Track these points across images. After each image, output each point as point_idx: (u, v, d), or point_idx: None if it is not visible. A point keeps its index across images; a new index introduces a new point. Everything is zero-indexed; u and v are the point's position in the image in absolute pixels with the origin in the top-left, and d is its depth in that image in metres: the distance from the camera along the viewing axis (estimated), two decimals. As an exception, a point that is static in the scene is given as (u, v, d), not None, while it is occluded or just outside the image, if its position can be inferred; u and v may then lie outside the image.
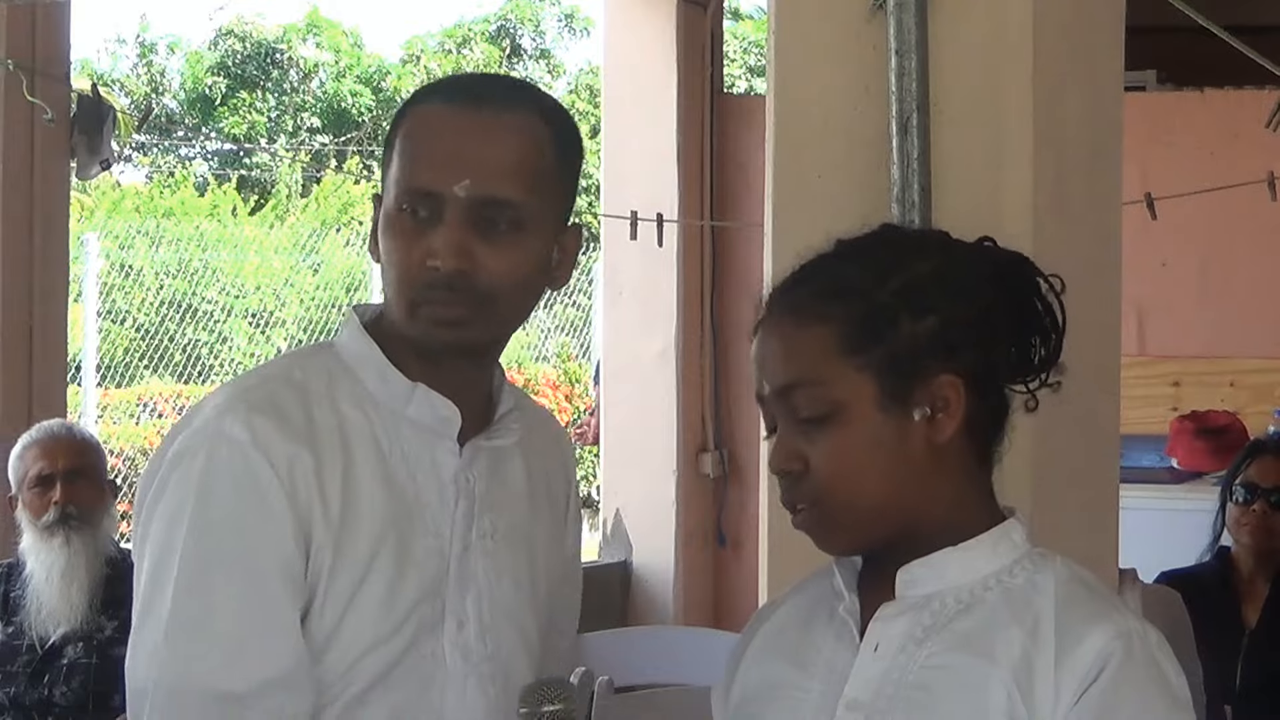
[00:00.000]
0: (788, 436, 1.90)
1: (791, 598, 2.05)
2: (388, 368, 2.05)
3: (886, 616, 1.91)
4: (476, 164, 1.99)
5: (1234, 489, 4.55)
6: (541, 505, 2.19)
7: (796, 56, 2.84)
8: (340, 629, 1.98)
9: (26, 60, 5.60)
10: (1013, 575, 1.91)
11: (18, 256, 5.62)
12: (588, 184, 21.09)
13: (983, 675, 1.86)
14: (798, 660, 1.95)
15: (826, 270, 1.93)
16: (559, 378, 14.40)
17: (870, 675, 1.89)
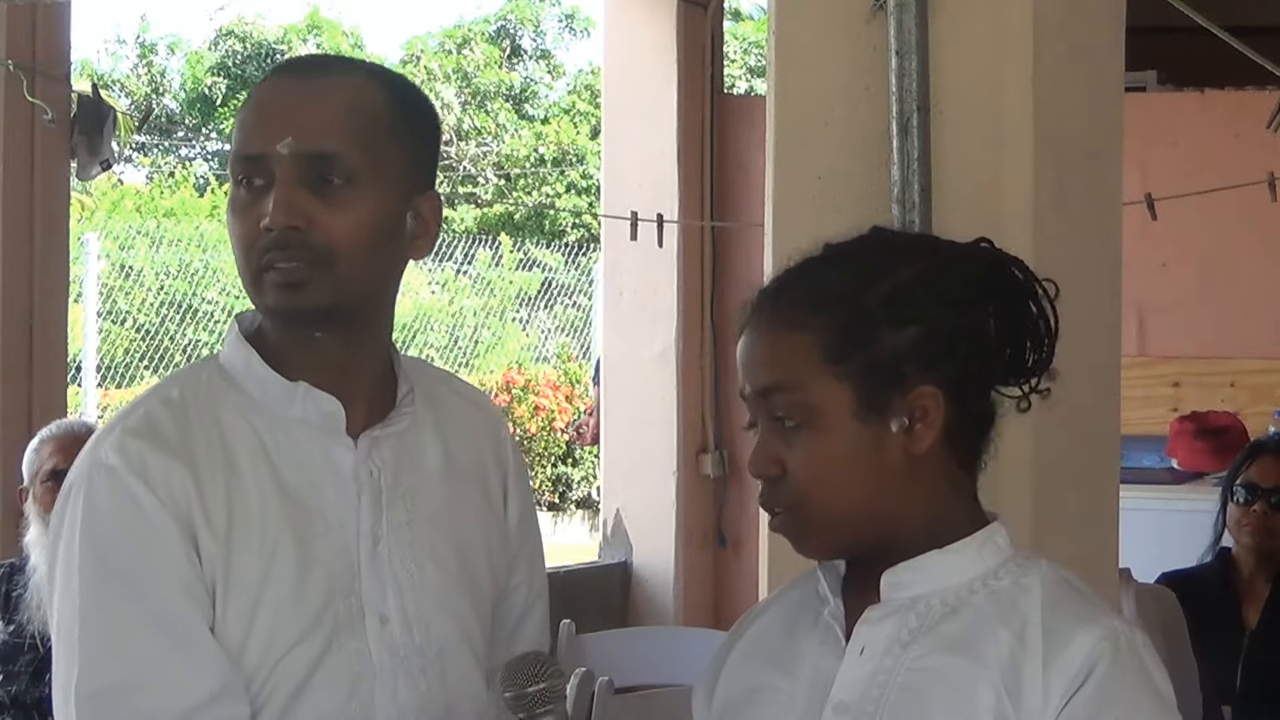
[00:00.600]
0: (767, 439, 1.90)
1: (775, 603, 2.05)
2: (266, 372, 2.02)
3: (872, 619, 1.91)
4: (297, 121, 1.97)
5: (1235, 489, 4.55)
6: (467, 484, 2.13)
7: (796, 56, 2.84)
8: (249, 638, 1.95)
9: (26, 60, 5.60)
10: (998, 578, 1.91)
11: (18, 256, 5.62)
12: (588, 184, 21.14)
13: (971, 676, 1.86)
14: (782, 665, 1.95)
15: (813, 275, 1.93)
16: (559, 378, 14.40)
17: (857, 678, 1.89)
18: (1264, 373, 7.49)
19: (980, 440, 1.95)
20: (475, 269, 16.73)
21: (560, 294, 16.97)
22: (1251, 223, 7.10)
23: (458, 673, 2.07)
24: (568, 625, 4.81)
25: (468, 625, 2.09)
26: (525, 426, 13.94)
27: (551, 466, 14.15)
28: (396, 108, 2.03)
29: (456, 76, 23.33)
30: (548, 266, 17.50)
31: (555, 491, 14.27)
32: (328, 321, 2.01)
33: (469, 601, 2.10)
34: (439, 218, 2.08)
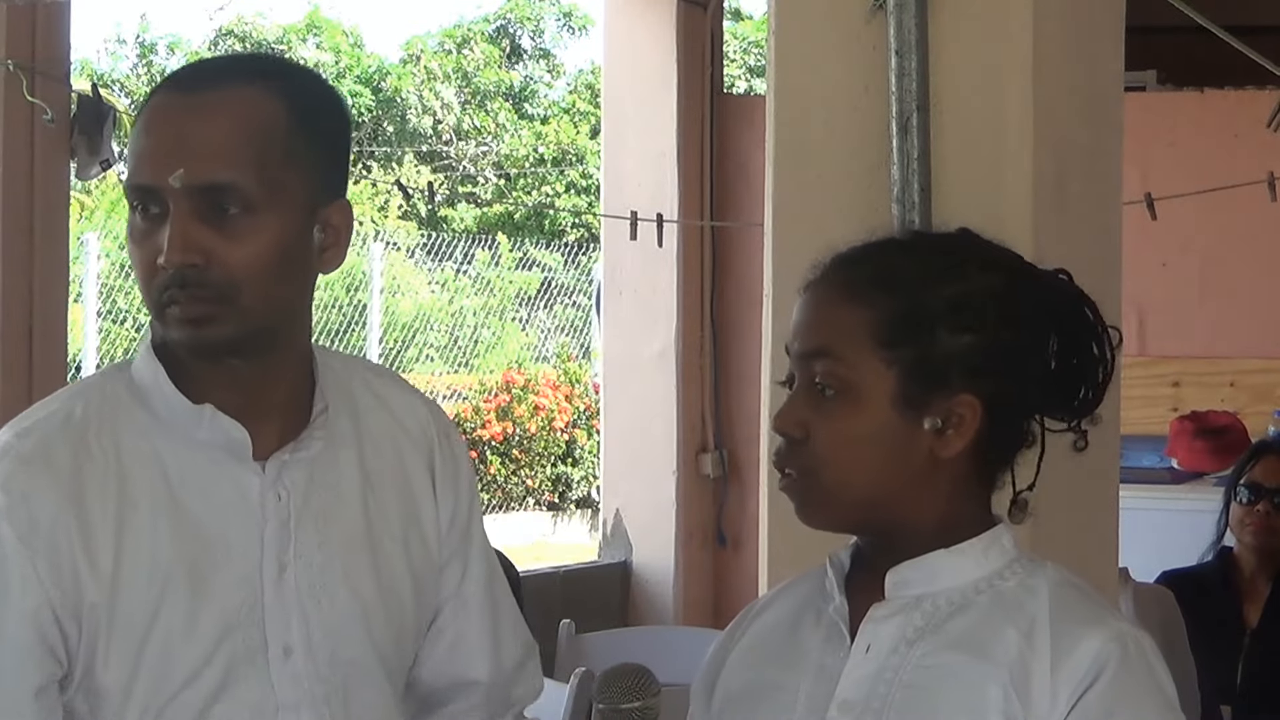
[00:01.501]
0: (799, 401, 1.89)
1: (778, 600, 2.03)
2: (173, 392, 1.93)
3: (878, 617, 1.90)
4: (188, 150, 1.87)
5: (1238, 489, 4.56)
6: (388, 500, 2.02)
7: (796, 56, 2.84)
8: (136, 679, 1.88)
9: (26, 60, 5.60)
10: (1004, 579, 1.91)
11: (18, 256, 5.62)
12: (588, 184, 21.13)
13: (979, 675, 1.85)
14: (785, 662, 1.94)
15: (889, 256, 1.93)
16: (559, 378, 14.40)
17: (862, 675, 1.88)
18: (1264, 373, 7.49)
19: (1006, 459, 1.95)
20: (475, 269, 16.73)
21: (560, 294, 16.98)
22: (1251, 223, 7.09)
23: (364, 700, 1.98)
24: (568, 625, 4.81)
25: (383, 649, 2.00)
26: (525, 426, 13.94)
27: (551, 466, 14.15)
28: (296, 118, 1.92)
29: (456, 76, 23.33)
30: (547, 266, 17.50)
31: (555, 491, 14.27)
32: (236, 353, 1.92)
33: (387, 624, 2.00)
34: (350, 225, 2.01)
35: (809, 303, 1.91)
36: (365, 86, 23.30)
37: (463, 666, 2.12)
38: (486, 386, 14.24)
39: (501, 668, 2.15)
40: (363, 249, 15.66)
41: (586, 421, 13.95)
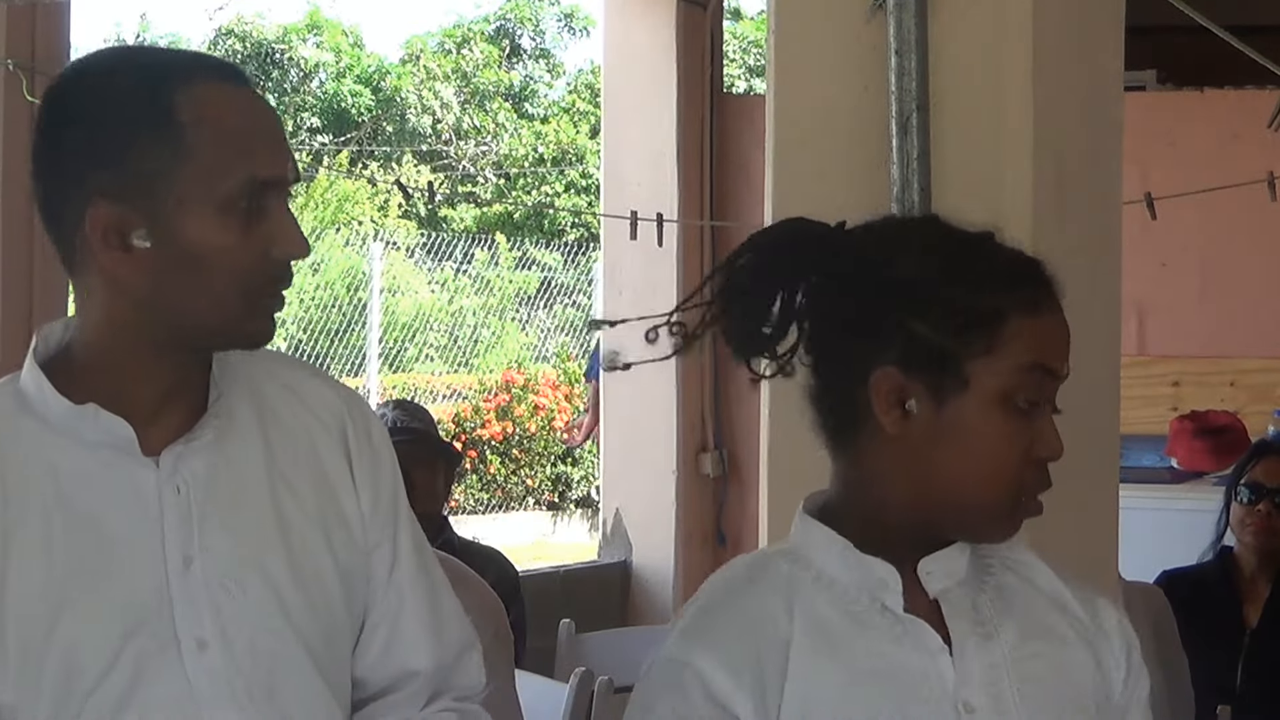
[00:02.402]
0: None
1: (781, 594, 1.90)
2: (54, 396, 1.88)
3: (954, 614, 1.88)
4: (286, 143, 1.91)
5: (1239, 489, 4.56)
6: (301, 488, 1.96)
7: (796, 56, 2.84)
8: (40, 690, 1.83)
9: (26, 60, 5.60)
10: (998, 557, 1.94)
11: (18, 256, 5.62)
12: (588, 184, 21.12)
13: (1062, 650, 1.91)
14: (864, 668, 1.85)
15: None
16: (559, 377, 14.41)
17: (973, 673, 1.86)
18: (1264, 372, 7.49)
19: None
20: (475, 268, 16.74)
21: (560, 294, 16.98)
22: (1251, 223, 7.10)
23: (293, 692, 1.92)
24: (568, 625, 4.81)
25: (309, 641, 1.94)
26: (525, 426, 13.94)
27: (551, 466, 14.15)
28: None
29: (456, 76, 23.33)
30: (547, 266, 17.50)
31: (555, 491, 14.27)
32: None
33: (310, 615, 1.94)
34: None
35: (1064, 322, 1.89)
36: (365, 86, 23.32)
37: (402, 657, 2.04)
38: (486, 386, 14.25)
39: (442, 658, 2.07)
40: (363, 248, 15.67)
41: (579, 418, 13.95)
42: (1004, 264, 1.87)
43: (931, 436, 1.83)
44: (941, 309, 1.83)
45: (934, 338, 1.82)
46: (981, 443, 1.83)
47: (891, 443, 1.84)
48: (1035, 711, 1.86)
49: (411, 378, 14.83)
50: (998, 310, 1.83)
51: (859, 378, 1.85)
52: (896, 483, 1.86)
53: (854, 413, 1.86)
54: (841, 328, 1.87)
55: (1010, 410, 1.83)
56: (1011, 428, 1.83)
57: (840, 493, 1.92)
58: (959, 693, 1.84)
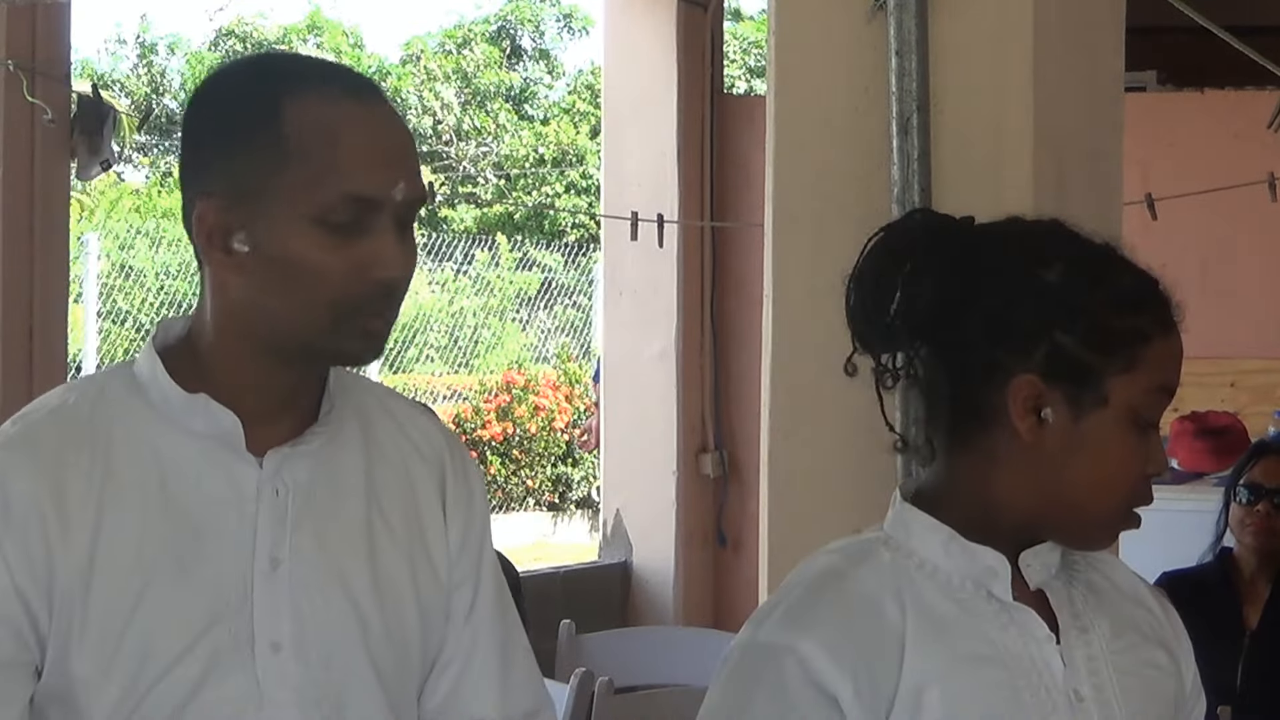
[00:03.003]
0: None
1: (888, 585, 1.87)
2: (168, 382, 1.91)
3: (1058, 605, 1.91)
4: (410, 163, 1.89)
5: (1238, 490, 4.55)
6: (392, 513, 1.97)
7: (796, 56, 2.84)
8: (114, 664, 1.85)
9: (26, 60, 5.61)
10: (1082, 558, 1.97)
11: (18, 256, 5.62)
12: (588, 184, 21.14)
13: (1149, 649, 1.95)
14: (972, 655, 1.85)
15: None
16: (559, 378, 14.40)
17: (1077, 662, 1.89)
18: (1264, 373, 7.49)
19: None
20: (475, 269, 16.74)
21: (560, 294, 16.98)
22: (1251, 223, 7.10)
23: (359, 710, 1.92)
24: (568, 625, 4.81)
25: (381, 664, 1.93)
26: (525, 426, 13.94)
27: (551, 466, 14.15)
28: None
29: (456, 76, 23.34)
30: (547, 267, 17.50)
31: (555, 491, 14.27)
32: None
33: (386, 638, 1.94)
34: None
35: (1179, 345, 1.96)
36: (365, 87, 23.29)
37: (467, 701, 2.01)
38: (486, 387, 14.25)
39: (509, 712, 2.04)
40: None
41: (587, 422, 13.95)
42: (1140, 281, 1.92)
43: (1064, 447, 1.86)
44: (1089, 323, 1.86)
45: (1079, 351, 1.85)
46: (1111, 457, 1.86)
47: (1021, 447, 1.86)
48: (1133, 703, 1.90)
49: (412, 378, 14.83)
50: (1140, 330, 1.89)
51: (994, 380, 1.86)
52: (1018, 484, 1.87)
53: (981, 412, 1.88)
54: (979, 329, 1.87)
55: (1138, 427, 1.87)
56: (1136, 444, 1.87)
57: (946, 484, 1.91)
58: (1069, 681, 1.87)
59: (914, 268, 1.90)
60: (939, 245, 1.92)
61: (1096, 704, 1.87)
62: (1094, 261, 1.91)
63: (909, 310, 1.88)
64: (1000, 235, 1.95)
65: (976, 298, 1.88)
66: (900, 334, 1.90)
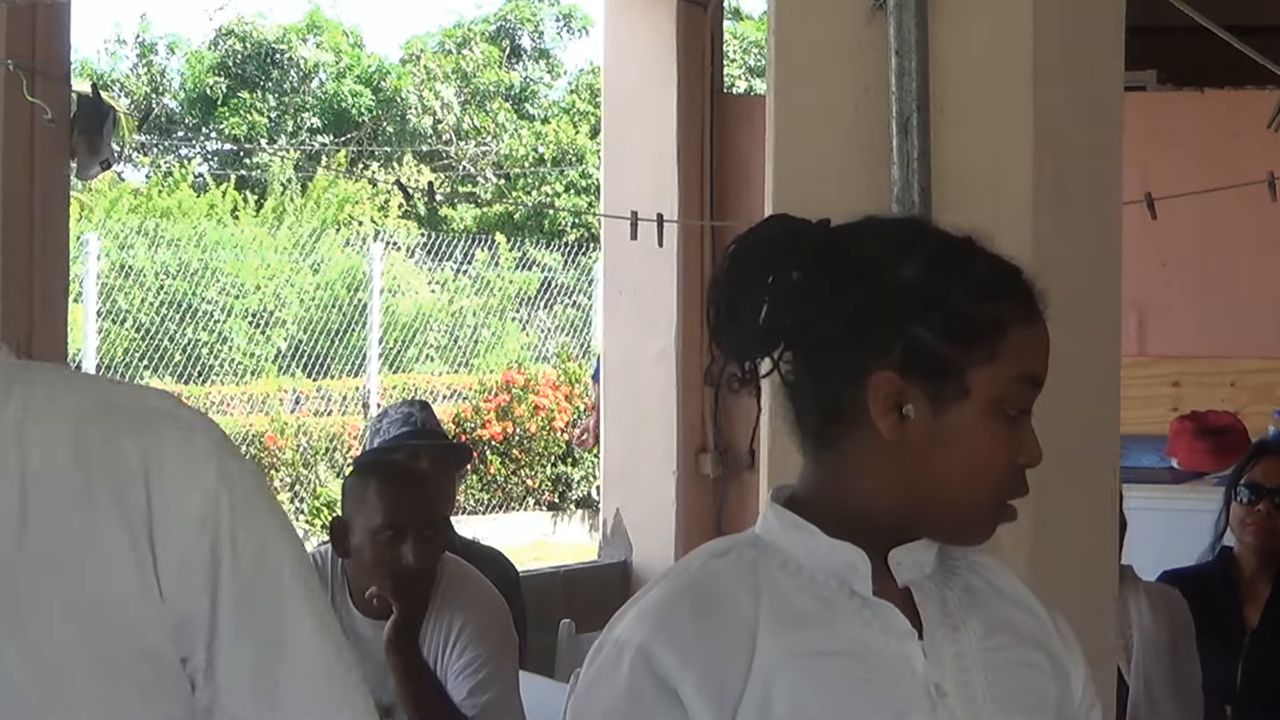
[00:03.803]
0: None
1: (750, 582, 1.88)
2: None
3: (923, 602, 1.89)
4: None
5: (1239, 489, 4.55)
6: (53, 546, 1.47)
7: (796, 56, 2.84)
8: None
9: (26, 60, 5.60)
10: (964, 558, 1.95)
11: (18, 256, 5.62)
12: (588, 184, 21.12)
13: (1026, 651, 1.92)
14: (828, 650, 1.85)
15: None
16: (559, 378, 14.40)
17: (941, 659, 1.87)
18: (1264, 373, 7.49)
19: None
20: (475, 269, 16.74)
21: (560, 294, 16.98)
22: (1251, 223, 7.10)
23: None
24: (568, 625, 4.81)
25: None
26: (525, 426, 13.94)
27: (551, 466, 14.15)
28: None
29: (456, 76, 23.34)
30: (547, 266, 17.51)
31: (555, 491, 14.28)
32: None
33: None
34: None
35: (1044, 333, 1.90)
36: (365, 86, 23.32)
37: None
38: (486, 386, 14.25)
39: None
40: (363, 249, 15.67)
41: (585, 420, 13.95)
42: (998, 271, 1.88)
43: (927, 441, 1.84)
44: (944, 316, 1.84)
45: (937, 344, 1.83)
46: (976, 449, 1.84)
47: (884, 444, 1.85)
48: (1002, 702, 1.87)
49: (412, 378, 14.84)
50: (999, 320, 1.84)
51: (853, 379, 1.85)
52: (884, 482, 1.86)
53: (842, 411, 1.87)
54: (838, 329, 1.86)
55: (1002, 418, 1.85)
56: (1002, 435, 1.85)
57: (814, 486, 1.91)
58: (930, 676, 1.85)
59: (776, 274, 1.88)
60: (797, 249, 1.90)
61: (961, 700, 1.85)
62: (951, 254, 1.89)
63: (773, 316, 1.88)
64: (857, 235, 1.93)
65: (836, 298, 1.87)
66: (766, 339, 1.89)
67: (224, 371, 14.49)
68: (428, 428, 4.66)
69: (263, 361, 14.90)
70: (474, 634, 3.73)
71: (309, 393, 14.09)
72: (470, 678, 3.69)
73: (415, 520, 3.67)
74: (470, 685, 3.68)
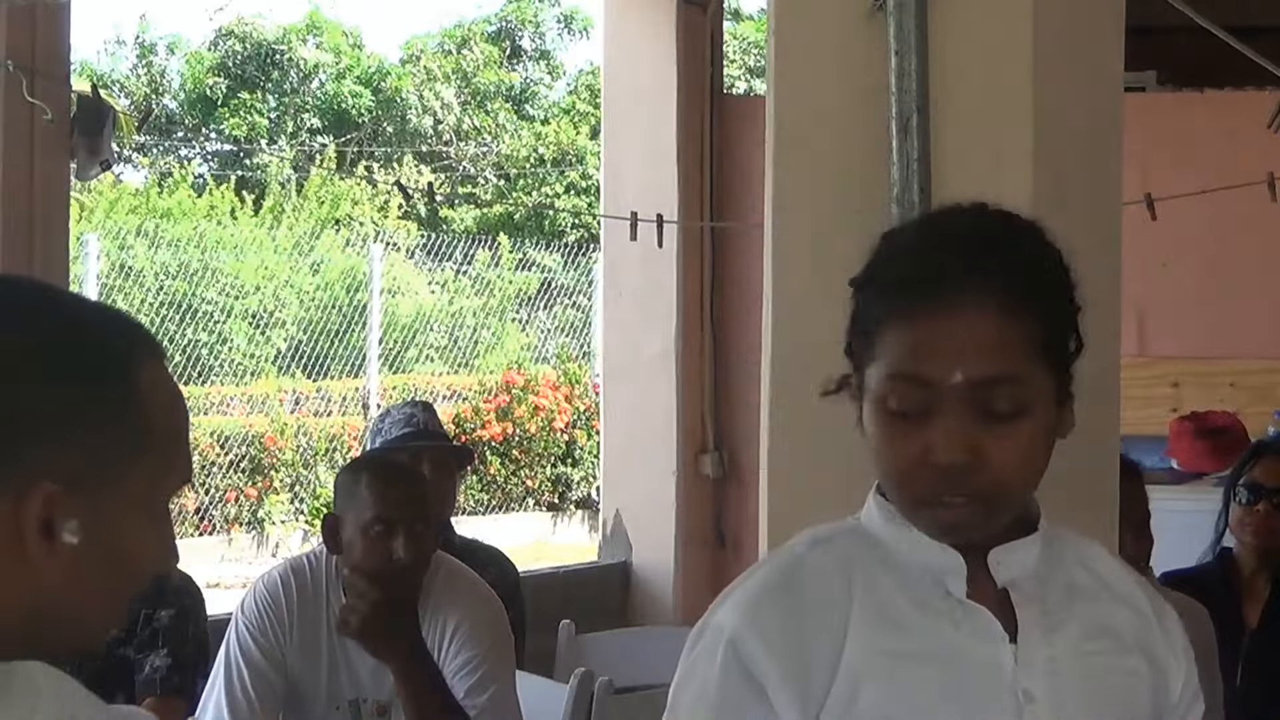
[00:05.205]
0: (966, 427, 1.80)
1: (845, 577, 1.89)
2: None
3: (1020, 604, 1.88)
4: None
5: (1238, 489, 4.55)
6: None
7: (796, 56, 2.84)
8: None
9: (26, 60, 5.60)
10: (1073, 552, 1.95)
11: (18, 256, 5.62)
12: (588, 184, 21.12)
13: (1123, 655, 1.91)
14: (919, 653, 1.86)
15: (1025, 257, 1.87)
16: (559, 378, 14.40)
17: (1034, 663, 1.86)
18: (1264, 373, 7.49)
19: None
20: (475, 269, 16.74)
21: (560, 294, 16.98)
22: (1251, 223, 7.09)
23: None
24: (568, 625, 4.81)
25: None
26: (525, 426, 13.94)
27: (551, 466, 14.15)
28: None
29: (456, 76, 23.34)
30: (547, 267, 17.51)
31: (555, 491, 14.28)
32: None
33: None
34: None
35: (963, 327, 1.81)
36: (365, 86, 23.32)
37: None
38: (486, 387, 14.24)
39: None
40: (363, 249, 15.67)
41: (586, 422, 13.95)
42: (898, 270, 1.87)
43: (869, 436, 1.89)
44: (853, 313, 1.90)
45: (848, 341, 1.90)
46: (876, 446, 1.86)
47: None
48: (1094, 709, 1.87)
49: (411, 379, 14.83)
50: (877, 319, 1.85)
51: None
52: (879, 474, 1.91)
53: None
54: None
55: (888, 415, 1.84)
56: (891, 432, 1.84)
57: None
58: (1019, 680, 1.85)
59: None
60: None
61: (1049, 705, 1.85)
62: (876, 249, 1.91)
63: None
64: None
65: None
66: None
67: (224, 372, 14.49)
68: (430, 429, 4.66)
69: (262, 362, 14.89)
70: (470, 634, 3.73)
71: (309, 393, 14.09)
72: (467, 678, 3.68)
73: (406, 515, 3.65)
74: (467, 685, 3.67)
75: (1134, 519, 3.82)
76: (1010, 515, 1.88)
